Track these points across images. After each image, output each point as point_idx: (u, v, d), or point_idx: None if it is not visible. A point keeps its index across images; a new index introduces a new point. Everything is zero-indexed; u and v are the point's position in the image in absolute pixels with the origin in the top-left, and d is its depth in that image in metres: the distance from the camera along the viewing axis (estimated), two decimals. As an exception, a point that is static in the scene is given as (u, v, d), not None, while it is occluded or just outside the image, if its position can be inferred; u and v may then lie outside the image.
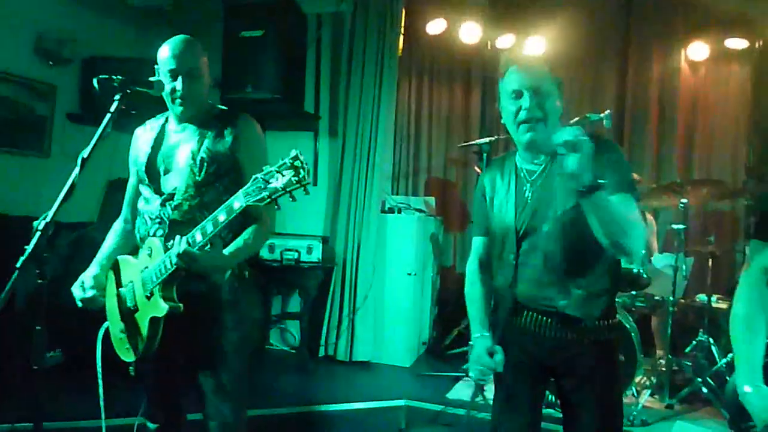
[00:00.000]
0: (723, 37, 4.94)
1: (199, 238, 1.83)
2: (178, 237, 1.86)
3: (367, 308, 4.86)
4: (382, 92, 4.91)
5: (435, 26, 5.36)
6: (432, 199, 5.55)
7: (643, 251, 1.74)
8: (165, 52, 2.05)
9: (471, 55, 5.68)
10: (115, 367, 2.08)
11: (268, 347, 5.18)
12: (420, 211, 5.21)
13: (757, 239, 3.75)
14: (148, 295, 1.98)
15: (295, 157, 1.62)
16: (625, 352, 3.52)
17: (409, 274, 4.91)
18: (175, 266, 1.86)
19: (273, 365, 4.76)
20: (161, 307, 1.92)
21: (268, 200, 1.66)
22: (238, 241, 2.00)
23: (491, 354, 1.85)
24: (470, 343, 1.96)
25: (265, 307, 5.07)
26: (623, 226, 1.63)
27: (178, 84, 2.03)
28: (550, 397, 3.28)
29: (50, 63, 4.72)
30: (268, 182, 1.65)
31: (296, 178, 1.61)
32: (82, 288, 2.10)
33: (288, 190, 1.62)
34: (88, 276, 2.12)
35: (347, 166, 5.00)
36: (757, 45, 4.94)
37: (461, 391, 4.14)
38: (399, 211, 5.10)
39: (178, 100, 2.06)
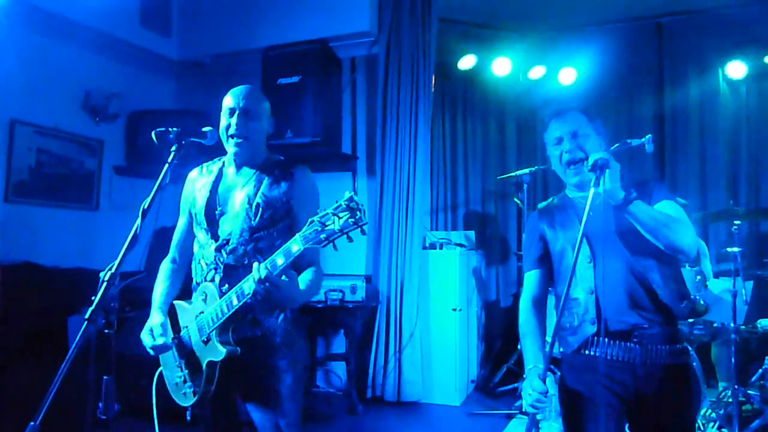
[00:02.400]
0: (762, 54, 4.86)
1: (280, 261, 1.81)
2: (255, 264, 1.85)
3: (414, 346, 4.79)
4: (418, 129, 4.93)
5: (466, 62, 5.45)
6: (472, 233, 5.50)
7: (696, 247, 1.80)
8: (227, 95, 2.12)
9: (504, 87, 5.71)
10: (170, 413, 2.09)
11: (314, 390, 5.13)
12: (461, 245, 5.16)
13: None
14: (205, 339, 2.00)
15: (350, 199, 1.68)
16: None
17: (454, 310, 4.85)
18: (250, 295, 1.84)
19: (321, 408, 4.70)
20: (219, 351, 1.94)
21: (326, 242, 1.69)
22: (305, 284, 2.02)
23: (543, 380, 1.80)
24: (524, 376, 1.93)
25: (311, 349, 5.05)
26: (669, 225, 1.73)
27: (234, 119, 2.07)
28: None
29: (97, 119, 4.91)
30: (324, 225, 1.69)
31: (353, 219, 1.67)
32: (151, 335, 2.07)
33: (345, 231, 1.67)
34: (156, 324, 2.10)
35: (387, 204, 5.01)
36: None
37: (515, 429, 4.02)
38: (440, 247, 5.06)
39: (234, 139, 2.07)
